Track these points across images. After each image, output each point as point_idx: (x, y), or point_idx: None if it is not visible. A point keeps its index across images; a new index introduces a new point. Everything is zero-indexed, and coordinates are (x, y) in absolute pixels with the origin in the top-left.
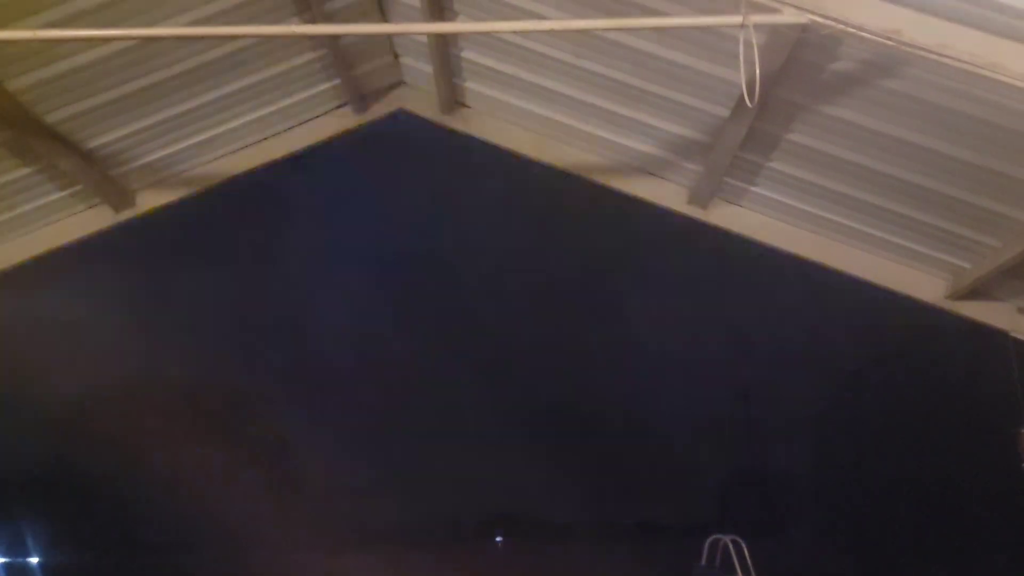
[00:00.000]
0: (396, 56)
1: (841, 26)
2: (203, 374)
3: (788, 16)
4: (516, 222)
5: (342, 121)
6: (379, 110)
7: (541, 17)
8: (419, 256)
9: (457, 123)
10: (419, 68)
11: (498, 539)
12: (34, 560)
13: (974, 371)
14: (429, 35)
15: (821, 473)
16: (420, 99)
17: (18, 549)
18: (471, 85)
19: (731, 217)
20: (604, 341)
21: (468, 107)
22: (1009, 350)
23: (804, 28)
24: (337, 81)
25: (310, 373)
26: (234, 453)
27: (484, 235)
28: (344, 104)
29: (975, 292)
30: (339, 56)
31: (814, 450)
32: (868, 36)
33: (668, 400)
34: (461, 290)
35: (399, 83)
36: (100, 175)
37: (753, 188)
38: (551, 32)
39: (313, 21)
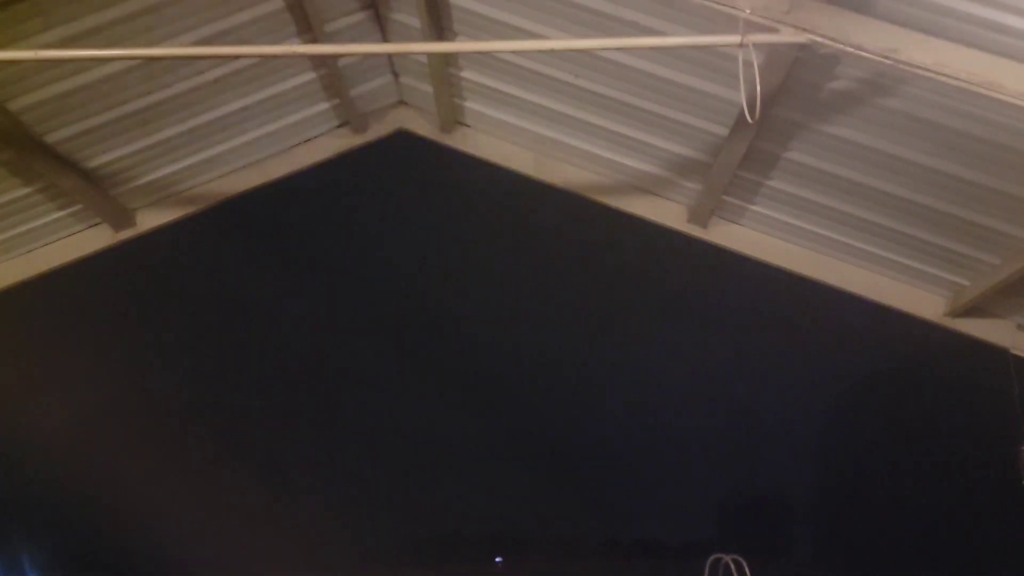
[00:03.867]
0: (396, 76)
1: (839, 45)
2: (201, 395)
3: (786, 36)
4: (516, 242)
5: (342, 141)
6: (379, 130)
7: (540, 37)
8: (418, 277)
9: (457, 142)
10: (419, 88)
11: (498, 560)
12: None
13: (974, 388)
14: (429, 55)
15: (822, 491)
16: (420, 119)
17: (16, 571)
18: (471, 105)
19: (730, 235)
20: (604, 360)
21: (468, 126)
22: (1009, 367)
23: (802, 47)
24: (337, 101)
25: (308, 394)
26: (232, 475)
27: (483, 255)
28: (344, 124)
29: (975, 309)
30: (339, 76)
31: (814, 468)
32: (866, 55)
33: (668, 418)
34: (460, 311)
35: (399, 103)
36: (100, 195)
37: (752, 206)
38: (550, 52)
39: (313, 41)
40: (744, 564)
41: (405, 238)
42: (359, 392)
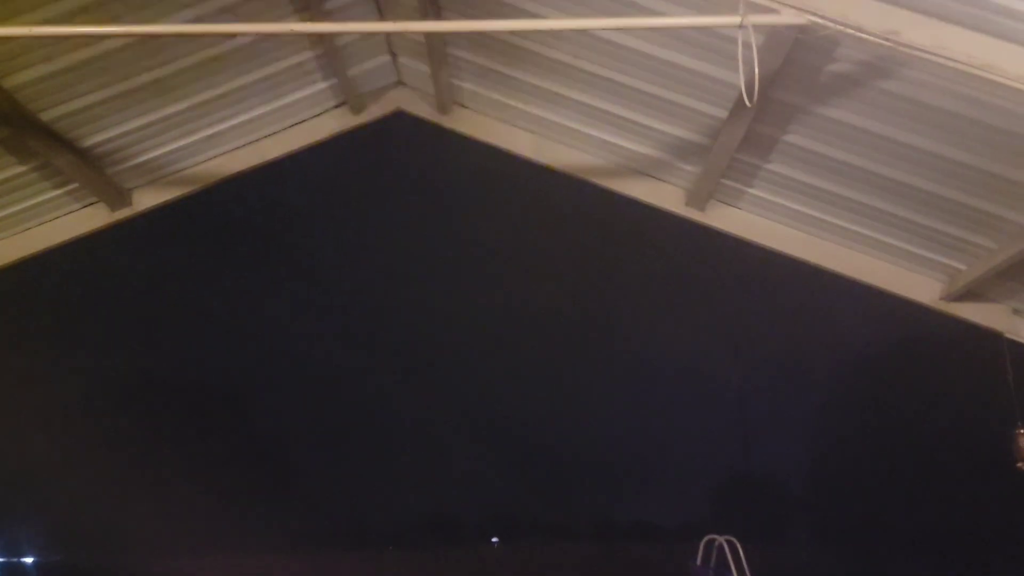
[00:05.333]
0: (393, 56)
1: (839, 27)
2: (197, 372)
3: (787, 17)
4: (513, 224)
5: (339, 121)
6: (376, 110)
7: (539, 17)
8: (414, 260)
9: (454, 123)
10: (416, 68)
11: (494, 540)
12: (29, 560)
13: (969, 372)
14: (427, 34)
15: (816, 473)
16: (417, 99)
17: (14, 549)
18: (468, 85)
19: (728, 219)
20: (600, 343)
21: (465, 107)
22: (1003, 351)
23: (802, 29)
24: (334, 81)
25: (305, 372)
26: (229, 452)
27: (479, 237)
28: (341, 104)
29: (970, 293)
30: (336, 55)
31: (809, 450)
32: (866, 37)
33: (664, 402)
34: (455, 293)
35: (396, 83)
36: (96, 173)
37: (750, 190)
38: (549, 32)
39: (311, 20)
40: (738, 545)
41: (401, 219)
42: (358, 374)
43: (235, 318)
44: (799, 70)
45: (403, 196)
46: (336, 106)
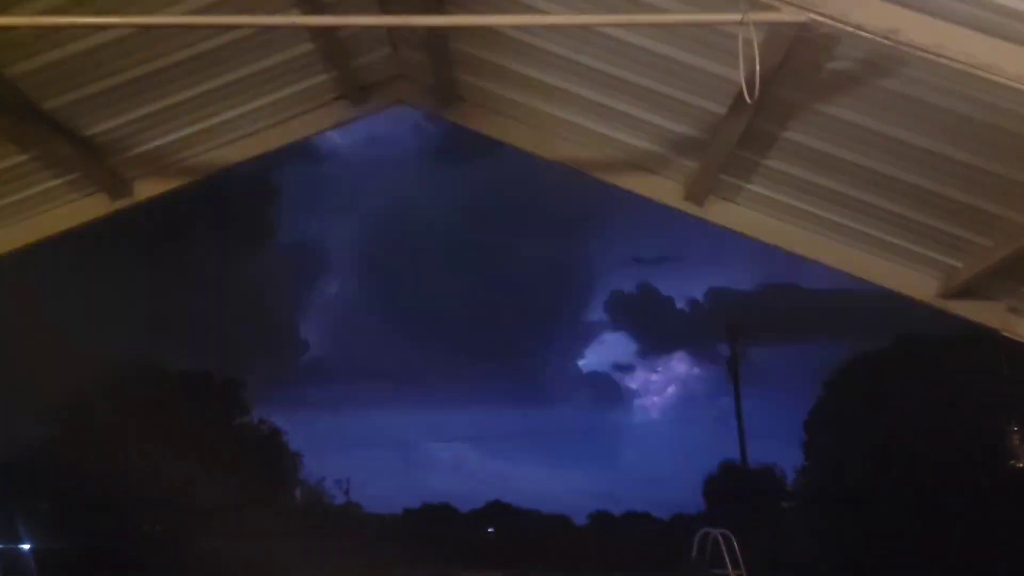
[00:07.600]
0: (394, 48)
1: (840, 25)
2: (197, 362)
3: (787, 14)
4: (511, 217)
5: (340, 113)
6: (377, 103)
7: (540, 11)
8: (413, 247)
9: (454, 117)
10: (417, 61)
11: (490, 530)
12: (26, 547)
13: (965, 369)
14: (428, 28)
15: (810, 468)
16: (418, 92)
17: (10, 536)
18: (469, 79)
19: (727, 214)
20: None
21: (465, 101)
22: (999, 349)
23: (803, 27)
24: (335, 73)
25: (303, 361)
26: (226, 441)
27: (477, 229)
28: (342, 96)
29: (967, 291)
30: (337, 47)
31: (804, 445)
32: (866, 35)
33: (660, 392)
34: (453, 285)
35: (397, 76)
36: (97, 163)
37: (749, 186)
38: (550, 27)
39: (312, 12)
40: (732, 538)
41: (400, 210)
42: (353, 364)
43: (230, 306)
44: (799, 67)
45: (401, 183)
46: (337, 98)
